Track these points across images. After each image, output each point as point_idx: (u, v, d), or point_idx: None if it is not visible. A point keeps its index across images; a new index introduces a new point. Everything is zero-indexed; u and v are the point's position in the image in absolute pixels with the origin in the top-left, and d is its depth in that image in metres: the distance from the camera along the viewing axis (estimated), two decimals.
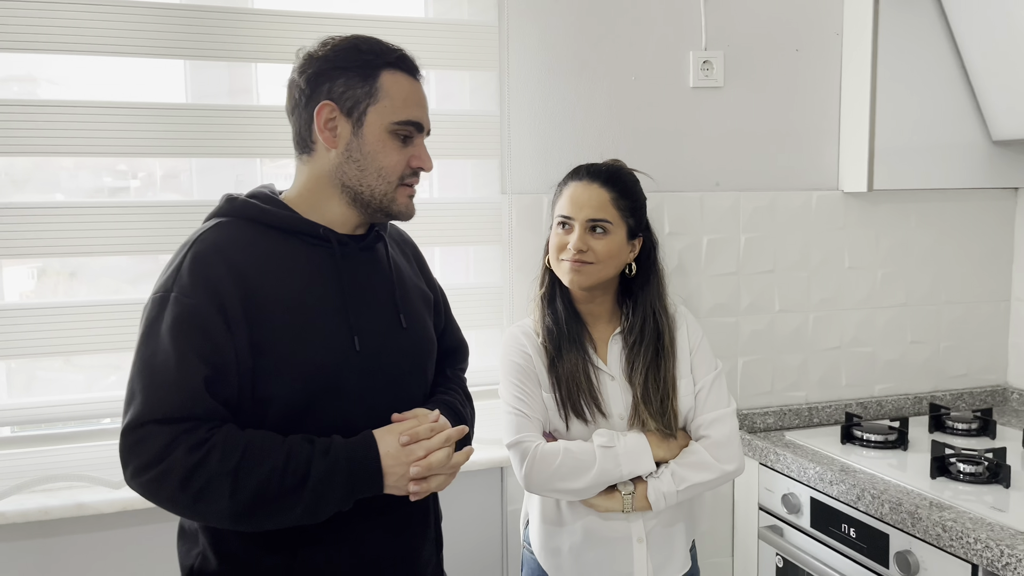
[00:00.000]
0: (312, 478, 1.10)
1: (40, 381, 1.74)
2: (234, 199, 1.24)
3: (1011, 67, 1.99)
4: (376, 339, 1.24)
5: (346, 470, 1.12)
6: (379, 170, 1.22)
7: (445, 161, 1.98)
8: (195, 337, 1.10)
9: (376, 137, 1.21)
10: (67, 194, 1.75)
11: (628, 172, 1.61)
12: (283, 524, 1.12)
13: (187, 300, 1.12)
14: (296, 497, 1.10)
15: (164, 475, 1.07)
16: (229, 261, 1.15)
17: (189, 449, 1.07)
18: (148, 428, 1.07)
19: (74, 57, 1.68)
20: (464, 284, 1.98)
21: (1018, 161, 2.24)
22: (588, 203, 1.54)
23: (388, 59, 1.22)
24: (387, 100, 1.21)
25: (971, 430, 2.06)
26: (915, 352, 2.30)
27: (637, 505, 1.51)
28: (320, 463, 1.11)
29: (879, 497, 1.66)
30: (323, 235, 1.23)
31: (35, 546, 1.69)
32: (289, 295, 1.17)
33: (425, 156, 1.27)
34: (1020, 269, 2.35)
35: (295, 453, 1.11)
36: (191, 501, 1.08)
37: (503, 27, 1.91)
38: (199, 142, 1.72)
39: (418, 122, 1.25)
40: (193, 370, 1.09)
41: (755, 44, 2.10)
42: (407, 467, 1.16)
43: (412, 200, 1.28)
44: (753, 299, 2.15)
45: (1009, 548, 1.41)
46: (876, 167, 2.11)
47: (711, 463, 1.52)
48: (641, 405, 1.54)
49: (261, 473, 1.08)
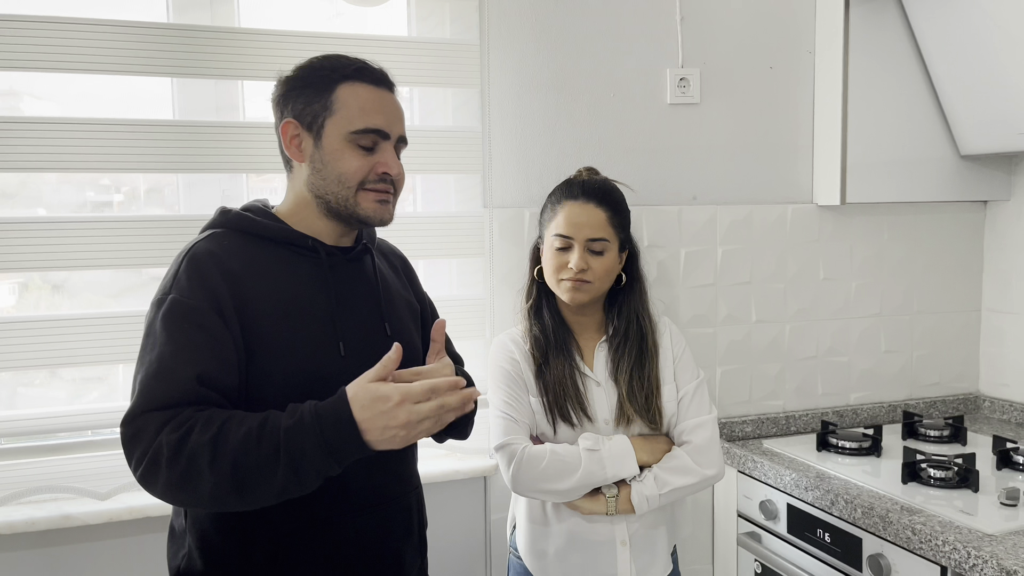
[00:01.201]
0: (284, 440, 1.08)
1: (24, 394, 1.76)
2: (228, 211, 1.29)
3: (976, 85, 2.06)
4: (361, 346, 1.27)
5: (315, 427, 1.08)
6: (339, 176, 1.25)
7: (429, 176, 2.03)
8: (191, 332, 1.14)
9: (335, 147, 1.24)
10: (50, 208, 1.77)
11: (616, 187, 1.66)
12: (271, 494, 1.10)
13: (184, 300, 1.16)
14: (274, 462, 1.07)
15: (156, 457, 1.08)
16: (223, 267, 1.19)
17: (174, 428, 1.09)
18: (143, 418, 1.10)
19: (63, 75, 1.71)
20: (448, 296, 2.02)
21: (986, 175, 2.30)
22: (587, 223, 1.57)
23: (344, 72, 1.25)
24: (343, 111, 1.23)
25: (943, 437, 2.10)
26: (889, 361, 2.35)
27: (620, 508, 1.55)
28: (289, 424, 1.09)
29: (852, 502, 1.70)
30: (311, 246, 1.27)
31: (22, 558, 1.69)
32: (279, 302, 1.21)
33: (392, 162, 1.27)
34: (990, 280, 2.41)
35: (271, 419, 1.10)
36: (180, 481, 1.08)
37: (484, 46, 1.95)
38: (186, 158, 1.75)
39: (378, 129, 1.25)
40: (185, 361, 1.12)
41: (730, 62, 2.16)
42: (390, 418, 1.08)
43: (384, 205, 1.28)
44: (731, 310, 2.20)
45: (976, 550, 1.45)
46: (849, 181, 2.17)
47: (693, 467, 1.56)
48: (627, 403, 1.59)
49: (237, 440, 1.08)
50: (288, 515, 1.21)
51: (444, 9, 1.98)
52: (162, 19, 1.78)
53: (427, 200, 2.06)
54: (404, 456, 1.36)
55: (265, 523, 1.21)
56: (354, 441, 1.09)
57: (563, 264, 1.58)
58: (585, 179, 1.65)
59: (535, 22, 1.99)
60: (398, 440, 1.10)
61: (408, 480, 1.38)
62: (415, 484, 1.40)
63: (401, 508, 1.34)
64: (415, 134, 1.91)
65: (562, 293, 1.60)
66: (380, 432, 1.09)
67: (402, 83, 1.90)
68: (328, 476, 1.11)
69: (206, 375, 1.13)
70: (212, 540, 1.22)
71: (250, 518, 1.20)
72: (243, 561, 1.21)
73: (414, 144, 1.90)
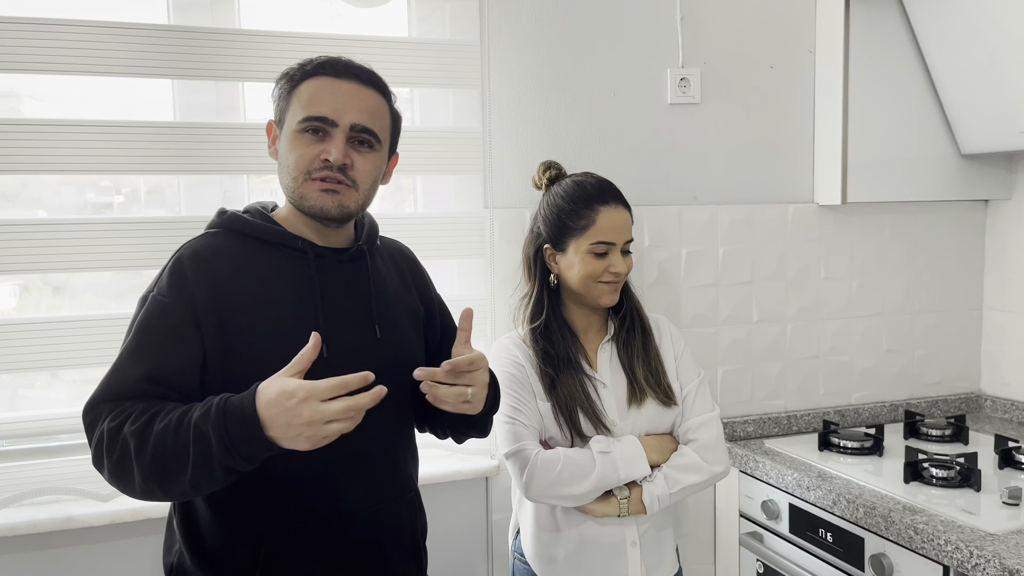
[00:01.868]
0: (193, 433, 1.06)
1: (25, 396, 1.76)
2: (224, 212, 1.30)
3: (977, 84, 2.06)
4: (347, 349, 1.25)
5: (219, 421, 1.05)
6: (288, 168, 1.26)
7: (429, 176, 2.02)
8: (158, 331, 1.17)
9: (287, 140, 1.26)
10: (50, 211, 1.77)
11: None
12: (186, 487, 1.08)
13: (161, 299, 1.19)
14: (184, 455, 1.06)
15: (98, 445, 1.12)
16: (206, 268, 1.22)
17: (112, 417, 1.12)
18: (96, 407, 1.15)
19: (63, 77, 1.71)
20: (448, 296, 2.00)
21: (986, 174, 2.30)
22: (624, 227, 1.60)
23: (308, 69, 1.27)
24: (297, 104, 1.25)
25: (945, 436, 2.10)
26: (891, 360, 2.35)
27: (632, 509, 1.55)
28: (197, 416, 1.07)
29: (854, 502, 1.70)
30: (301, 247, 1.27)
31: (24, 559, 1.70)
32: (261, 302, 1.22)
33: (334, 148, 1.23)
34: (991, 279, 2.41)
35: (191, 412, 1.09)
36: (115, 468, 1.10)
37: (484, 46, 1.95)
38: (187, 159, 1.75)
39: (321, 116, 1.23)
40: (141, 359, 1.16)
41: (731, 61, 2.16)
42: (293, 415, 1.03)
43: (329, 195, 1.24)
44: (732, 310, 2.20)
45: (978, 549, 1.45)
46: (850, 180, 2.17)
47: (701, 465, 1.57)
48: (639, 379, 1.60)
49: (158, 431, 1.08)
50: (271, 515, 1.21)
51: (444, 10, 1.98)
52: (162, 21, 1.78)
53: (428, 201, 2.06)
54: (395, 460, 1.34)
55: (249, 522, 1.21)
56: (257, 438, 1.04)
57: (602, 269, 1.58)
58: (601, 181, 1.63)
59: (535, 22, 1.99)
60: (303, 440, 1.05)
61: (400, 485, 1.34)
62: (409, 489, 1.37)
63: (391, 514, 1.31)
64: (415, 135, 1.92)
65: (599, 296, 1.60)
66: (284, 429, 1.04)
67: (402, 84, 1.92)
68: (239, 471, 1.08)
69: (157, 374, 1.15)
70: (200, 534, 1.23)
71: (234, 515, 1.21)
72: (228, 558, 1.21)
73: (415, 145, 1.91)
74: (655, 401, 1.61)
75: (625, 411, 1.60)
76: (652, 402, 1.61)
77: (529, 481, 1.51)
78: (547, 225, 1.63)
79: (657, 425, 1.62)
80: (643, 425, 1.61)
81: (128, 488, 1.12)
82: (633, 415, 1.60)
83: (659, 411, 1.61)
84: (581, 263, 1.59)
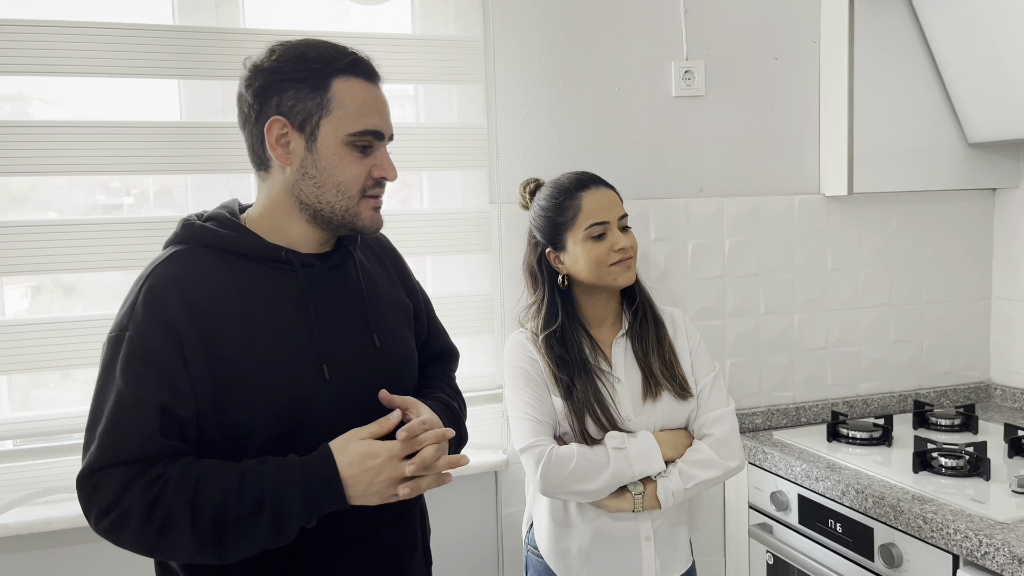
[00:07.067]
0: (268, 496, 1.06)
1: (39, 396, 1.77)
2: (190, 224, 1.18)
3: (984, 72, 2.05)
4: (347, 365, 1.18)
5: (301, 483, 1.07)
6: (337, 185, 1.15)
7: (435, 173, 2.03)
8: (149, 377, 1.07)
9: (331, 151, 1.13)
10: (61, 212, 1.78)
11: None
12: (252, 548, 1.08)
13: (141, 339, 1.08)
14: (256, 519, 1.06)
15: (123, 517, 1.04)
16: (184, 296, 1.10)
17: (144, 487, 1.04)
18: (103, 473, 1.05)
19: (69, 79, 1.72)
20: (455, 292, 2.03)
21: (994, 162, 2.29)
22: (612, 204, 1.59)
23: (339, 65, 1.13)
24: (340, 110, 1.13)
25: (954, 426, 2.10)
26: (899, 351, 2.35)
27: (647, 504, 1.55)
28: (274, 481, 1.07)
29: (863, 492, 1.70)
30: (285, 258, 1.17)
31: (38, 557, 1.71)
32: (251, 325, 1.12)
33: (388, 165, 1.18)
34: (999, 268, 2.40)
35: (249, 474, 1.07)
36: (156, 538, 1.05)
37: (488, 42, 1.95)
38: (194, 159, 1.76)
39: (377, 130, 1.16)
40: (147, 412, 1.06)
41: (735, 53, 2.15)
42: (376, 474, 1.09)
43: (378, 212, 1.20)
44: (739, 302, 2.19)
45: (987, 538, 1.45)
46: (856, 171, 2.16)
47: (716, 460, 1.56)
48: (655, 371, 1.60)
49: (216, 498, 1.05)
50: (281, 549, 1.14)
51: (448, 6, 1.99)
52: (168, 21, 1.79)
53: (434, 197, 2.06)
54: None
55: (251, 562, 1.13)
56: (337, 499, 1.10)
57: (608, 249, 1.56)
58: (576, 173, 1.64)
59: (538, 17, 1.99)
60: (375, 497, 1.11)
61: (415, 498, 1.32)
62: (418, 498, 1.35)
63: (406, 527, 1.29)
64: (421, 131, 1.93)
65: (615, 278, 1.58)
66: (364, 487, 1.10)
67: (407, 80, 1.93)
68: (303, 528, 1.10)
69: (167, 426, 1.07)
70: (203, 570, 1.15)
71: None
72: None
73: (420, 141, 1.92)
74: (670, 394, 1.60)
75: (640, 406, 1.60)
76: (667, 396, 1.60)
77: (543, 476, 1.50)
78: (540, 231, 1.63)
79: (672, 420, 1.61)
80: (658, 420, 1.60)
81: (166, 555, 1.08)
82: (648, 409, 1.60)
83: (674, 405, 1.61)
84: (584, 251, 1.57)
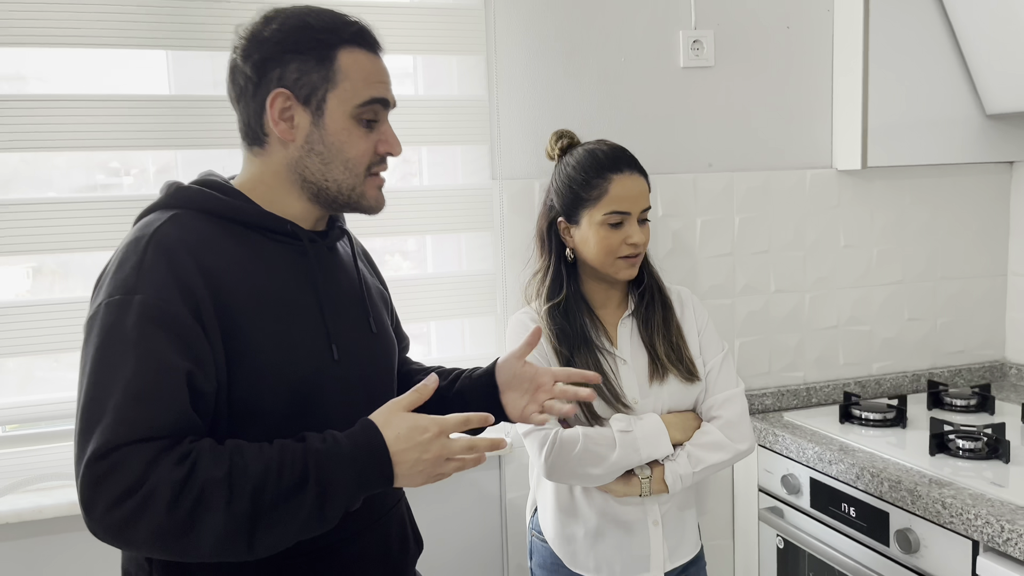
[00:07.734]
0: (313, 470, 0.96)
1: (34, 379, 1.73)
2: (184, 188, 1.10)
3: (1004, 40, 1.97)
4: (352, 347, 1.15)
5: (349, 456, 0.98)
6: (345, 162, 1.10)
7: (434, 148, 1.96)
8: (171, 342, 0.97)
9: (340, 125, 1.09)
10: (60, 192, 1.73)
11: None
12: (287, 536, 0.97)
13: (158, 300, 0.97)
14: (299, 496, 0.96)
15: (148, 498, 0.91)
16: (198, 259, 1.02)
17: (174, 463, 0.92)
18: (125, 450, 0.92)
19: (54, 50, 1.66)
20: (456, 272, 1.97)
21: (1012, 134, 2.22)
22: (640, 195, 1.53)
23: (344, 36, 1.09)
24: (347, 82, 1.08)
25: (970, 406, 2.05)
26: (912, 329, 2.29)
27: (655, 488, 1.51)
28: (318, 454, 0.97)
29: (878, 476, 1.65)
30: (291, 231, 1.11)
31: (29, 545, 1.68)
32: (262, 300, 1.06)
33: (393, 140, 1.14)
34: (1017, 243, 2.34)
35: (289, 449, 0.98)
36: (182, 524, 0.92)
37: (489, 11, 1.88)
38: (184, 134, 1.70)
39: (383, 98, 1.12)
40: (174, 380, 0.96)
41: (745, 22, 2.08)
42: (423, 451, 1.01)
43: (381, 191, 1.16)
44: (749, 280, 2.14)
45: (1009, 523, 1.40)
46: (870, 144, 2.10)
47: (725, 443, 1.52)
48: (661, 355, 1.55)
49: (256, 471, 0.94)
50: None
51: None
52: None
53: (433, 173, 2.00)
54: None
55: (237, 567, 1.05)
56: (385, 474, 1.00)
57: (620, 241, 1.51)
58: (614, 148, 1.56)
59: None
60: (420, 476, 1.02)
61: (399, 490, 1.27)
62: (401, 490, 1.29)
63: (396, 518, 1.24)
64: (419, 104, 1.87)
65: (619, 271, 1.53)
66: (410, 465, 1.01)
67: (405, 51, 1.86)
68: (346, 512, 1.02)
69: (195, 400, 0.98)
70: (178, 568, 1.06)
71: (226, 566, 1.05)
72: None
73: (419, 115, 1.85)
74: (677, 377, 1.55)
75: (647, 388, 1.55)
76: (674, 378, 1.55)
77: (548, 461, 1.46)
78: (559, 197, 1.57)
79: (680, 402, 1.57)
80: (665, 402, 1.56)
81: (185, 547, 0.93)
82: (655, 392, 1.55)
83: (682, 387, 1.56)
84: (596, 236, 1.52)
